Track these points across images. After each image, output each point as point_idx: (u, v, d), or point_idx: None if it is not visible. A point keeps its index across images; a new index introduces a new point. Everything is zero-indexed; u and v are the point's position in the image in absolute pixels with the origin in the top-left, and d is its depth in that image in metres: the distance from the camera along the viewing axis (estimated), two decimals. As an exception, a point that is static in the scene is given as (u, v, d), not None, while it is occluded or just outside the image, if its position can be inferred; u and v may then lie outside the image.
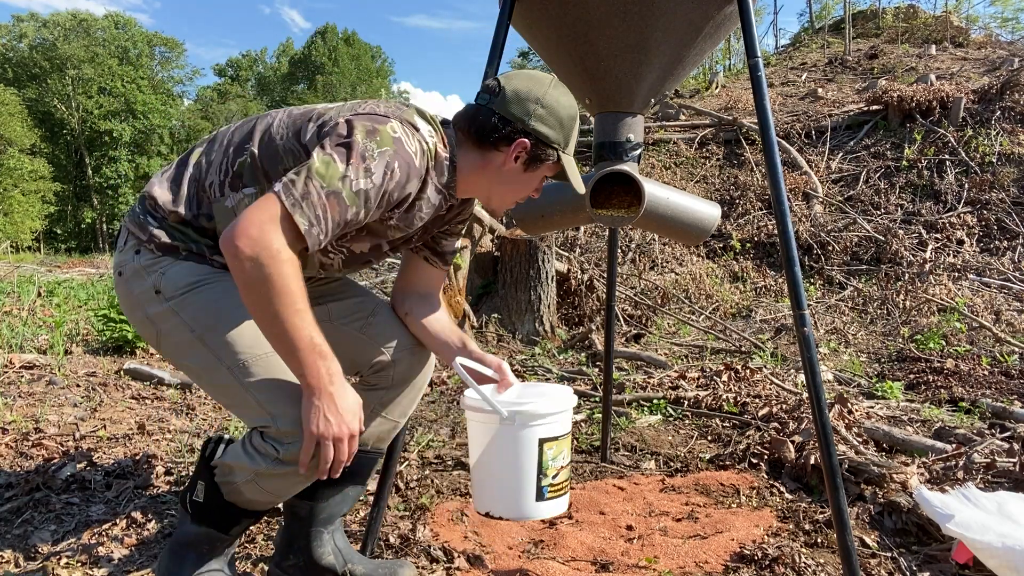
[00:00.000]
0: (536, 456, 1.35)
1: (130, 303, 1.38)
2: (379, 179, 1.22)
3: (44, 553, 1.81)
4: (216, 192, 1.35)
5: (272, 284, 1.14)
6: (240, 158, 1.35)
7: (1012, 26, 15.29)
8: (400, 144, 1.25)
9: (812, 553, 1.84)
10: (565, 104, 1.39)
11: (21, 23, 36.68)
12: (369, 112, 1.29)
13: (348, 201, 1.20)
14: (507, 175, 1.40)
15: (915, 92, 8.27)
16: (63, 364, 3.83)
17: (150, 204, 1.37)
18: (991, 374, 3.67)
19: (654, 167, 8.63)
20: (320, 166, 1.19)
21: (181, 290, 1.31)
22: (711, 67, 14.26)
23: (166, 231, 1.34)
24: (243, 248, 1.13)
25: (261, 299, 1.16)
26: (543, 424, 1.36)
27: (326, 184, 1.18)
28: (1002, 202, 6.80)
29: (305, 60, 49.27)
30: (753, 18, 1.66)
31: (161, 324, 1.34)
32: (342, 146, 1.22)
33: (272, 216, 1.15)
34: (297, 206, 1.16)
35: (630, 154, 1.93)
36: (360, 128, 1.23)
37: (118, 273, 1.38)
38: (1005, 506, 1.62)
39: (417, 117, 1.34)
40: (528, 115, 1.35)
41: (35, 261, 15.89)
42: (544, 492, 1.37)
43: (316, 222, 1.17)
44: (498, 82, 1.38)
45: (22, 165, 30.25)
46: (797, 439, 2.48)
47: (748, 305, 5.94)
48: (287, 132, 1.34)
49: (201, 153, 1.41)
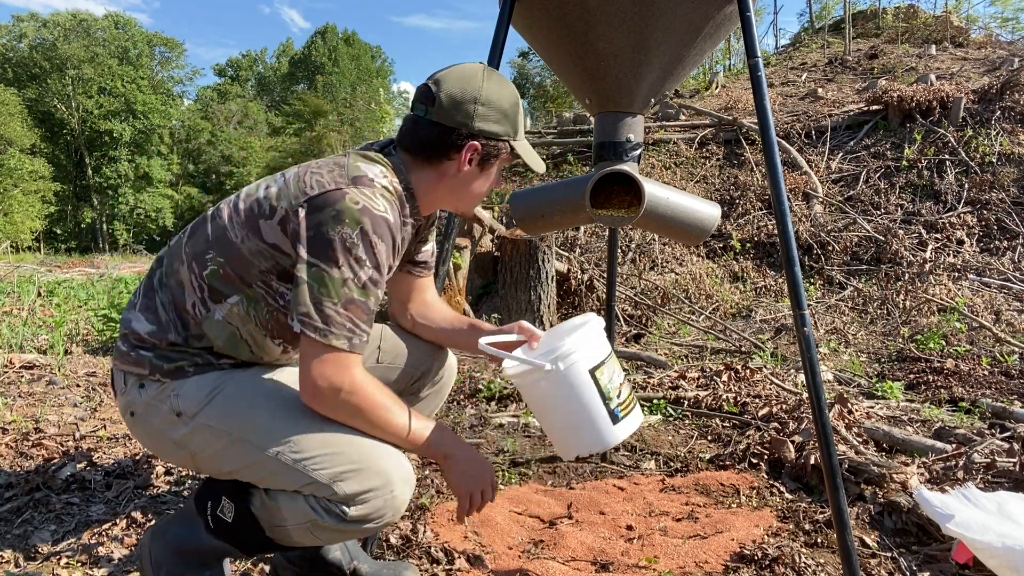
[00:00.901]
0: (593, 387, 1.38)
1: (153, 437, 1.35)
2: (373, 259, 1.22)
3: (44, 553, 1.81)
4: (201, 310, 1.31)
5: (363, 410, 1.25)
6: (207, 270, 1.31)
7: (1012, 26, 15.28)
8: (367, 212, 1.21)
9: (812, 553, 1.84)
10: (504, 94, 1.37)
11: (21, 23, 36.68)
12: (320, 193, 1.23)
13: (363, 296, 1.22)
14: (465, 179, 1.39)
15: (915, 92, 8.27)
16: (63, 364, 3.83)
17: (135, 339, 1.34)
18: (991, 374, 3.67)
19: (654, 167, 8.63)
20: (316, 283, 1.19)
21: (202, 403, 1.30)
22: (711, 67, 14.27)
23: (164, 358, 1.32)
24: (324, 400, 1.23)
25: (365, 425, 1.27)
26: (584, 357, 1.38)
27: (335, 297, 1.19)
28: (1002, 202, 6.80)
29: (305, 60, 49.27)
30: (753, 18, 1.66)
31: (193, 444, 1.31)
32: (320, 248, 1.20)
33: (320, 359, 1.20)
34: (328, 334, 1.19)
35: (630, 154, 1.93)
36: (325, 219, 1.20)
37: (130, 414, 1.35)
38: (1005, 506, 1.62)
39: (362, 163, 1.30)
40: (470, 117, 1.33)
41: (35, 261, 15.89)
42: (617, 414, 1.40)
43: (352, 334, 1.22)
44: (430, 89, 1.34)
45: (22, 165, 30.25)
46: (797, 439, 2.48)
47: (748, 305, 5.94)
48: (245, 234, 1.29)
49: (161, 273, 1.37)
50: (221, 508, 1.36)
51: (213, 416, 1.30)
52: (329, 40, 48.94)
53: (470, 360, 4.19)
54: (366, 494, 1.25)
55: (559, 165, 9.74)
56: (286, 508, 1.28)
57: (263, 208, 1.28)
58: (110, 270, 11.84)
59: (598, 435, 1.40)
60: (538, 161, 1.46)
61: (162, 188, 36.83)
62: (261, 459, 1.27)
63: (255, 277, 1.29)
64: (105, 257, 17.70)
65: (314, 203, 1.22)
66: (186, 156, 39.64)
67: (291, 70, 50.44)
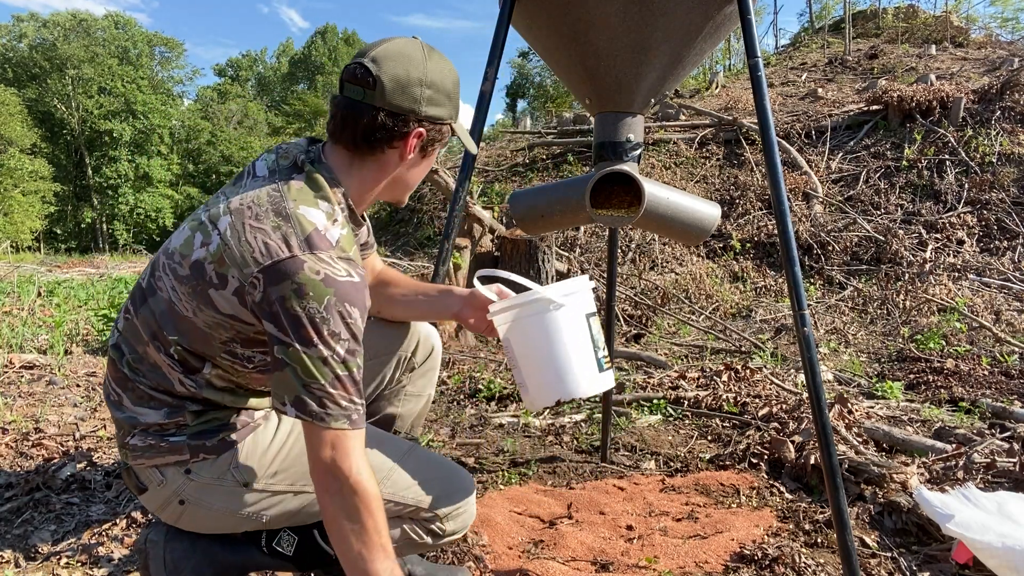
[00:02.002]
0: (587, 331, 1.40)
1: (214, 519, 1.28)
2: (347, 331, 1.12)
3: (44, 553, 1.81)
4: (189, 384, 1.23)
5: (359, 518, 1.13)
6: (170, 349, 1.22)
7: (1012, 26, 15.31)
8: (332, 280, 1.10)
9: (812, 553, 1.84)
10: (446, 73, 1.24)
11: (21, 23, 36.68)
12: (274, 263, 1.10)
13: (345, 371, 1.13)
14: (404, 168, 1.28)
15: (915, 92, 8.27)
16: (63, 364, 3.83)
17: (155, 429, 1.25)
18: (991, 374, 3.67)
19: (654, 167, 8.63)
20: (297, 365, 1.10)
21: (271, 466, 1.28)
22: (711, 67, 14.28)
23: (201, 434, 1.25)
24: (332, 487, 1.13)
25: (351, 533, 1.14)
26: (582, 301, 1.41)
27: (321, 378, 1.11)
28: (1002, 202, 6.80)
29: (305, 60, 49.29)
30: (753, 18, 1.65)
31: (270, 509, 1.29)
32: (290, 327, 1.09)
33: (323, 443, 1.12)
34: (326, 416, 1.11)
35: (630, 154, 1.93)
36: (287, 294, 1.09)
37: (178, 503, 1.26)
38: (1005, 506, 1.62)
39: (305, 211, 1.15)
40: (417, 102, 1.20)
41: (35, 261, 15.88)
42: (602, 363, 1.42)
43: (348, 411, 1.13)
44: (369, 72, 1.17)
45: (22, 165, 30.24)
46: (797, 439, 2.48)
47: (748, 305, 5.94)
48: (195, 306, 1.17)
49: (128, 360, 1.26)
50: (279, 541, 1.36)
51: (289, 476, 1.29)
52: (329, 40, 48.96)
53: (470, 360, 4.19)
54: (457, 509, 1.35)
55: (559, 165, 9.74)
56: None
57: (208, 276, 1.15)
58: (110, 270, 11.84)
59: (582, 379, 1.40)
60: (472, 143, 1.41)
61: (162, 188, 36.81)
62: None
63: (217, 349, 1.21)
64: (105, 257, 17.70)
65: (270, 274, 1.10)
66: (186, 156, 39.63)
67: (291, 70, 50.47)
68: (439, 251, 1.85)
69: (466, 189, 1.82)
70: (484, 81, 1.79)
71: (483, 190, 9.45)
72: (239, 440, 1.28)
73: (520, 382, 1.43)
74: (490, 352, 4.41)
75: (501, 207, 7.72)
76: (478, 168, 10.44)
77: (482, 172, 10.39)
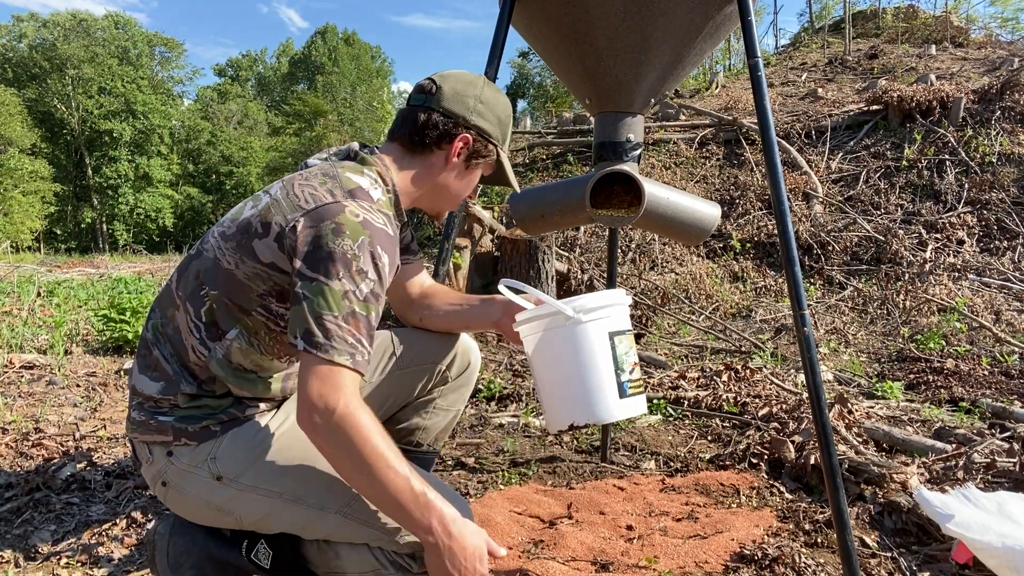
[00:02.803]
0: (609, 350, 1.31)
1: (191, 506, 1.28)
2: (375, 272, 1.16)
3: (44, 553, 1.81)
4: (202, 352, 1.26)
5: (354, 443, 1.10)
6: (203, 307, 1.25)
7: (1012, 26, 15.31)
8: (369, 224, 1.17)
9: (812, 553, 1.84)
10: (501, 102, 1.40)
11: (21, 23, 36.67)
12: (318, 206, 1.18)
13: (364, 311, 1.15)
14: (449, 174, 1.38)
15: (915, 92, 8.27)
16: (63, 364, 3.83)
17: (149, 405, 1.28)
18: (991, 374, 3.67)
19: (654, 167, 8.63)
20: (318, 297, 1.12)
21: (245, 463, 1.25)
22: (711, 67, 14.28)
23: (186, 419, 1.26)
24: (317, 423, 1.10)
25: (355, 464, 1.12)
26: (608, 317, 1.31)
27: (335, 310, 1.12)
28: (1002, 202, 6.80)
29: (305, 60, 49.27)
30: (753, 18, 1.65)
31: (239, 508, 1.26)
32: (320, 262, 1.13)
33: (318, 375, 1.11)
34: (330, 349, 1.11)
35: (630, 154, 1.93)
36: (325, 232, 1.14)
37: (161, 484, 1.28)
38: (1005, 506, 1.62)
39: (352, 174, 1.26)
40: (469, 111, 1.35)
41: (35, 261, 15.88)
42: (625, 388, 1.32)
43: (355, 350, 1.13)
44: (433, 82, 1.36)
45: (22, 165, 30.24)
46: (797, 439, 2.48)
47: (748, 305, 5.94)
48: (239, 259, 1.23)
49: (155, 323, 1.31)
50: (256, 552, 1.33)
51: (261, 477, 1.24)
52: (329, 40, 48.95)
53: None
54: None
55: (559, 165, 9.74)
56: (347, 557, 1.25)
57: (254, 228, 1.22)
58: (110, 270, 11.84)
59: (600, 403, 1.31)
60: (515, 181, 1.47)
61: (162, 188, 36.81)
62: (322, 518, 1.22)
63: (254, 303, 1.24)
64: (105, 257, 17.69)
65: (312, 216, 1.17)
66: (186, 156, 39.63)
67: (291, 70, 50.44)
68: (439, 251, 1.86)
69: (466, 189, 1.82)
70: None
71: (483, 190, 9.46)
72: (221, 433, 1.27)
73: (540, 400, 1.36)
74: (490, 352, 4.41)
75: (501, 207, 7.72)
76: (478, 168, 10.41)
77: (482, 172, 10.38)
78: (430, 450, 1.68)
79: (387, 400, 1.61)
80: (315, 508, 1.24)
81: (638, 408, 1.35)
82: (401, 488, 1.12)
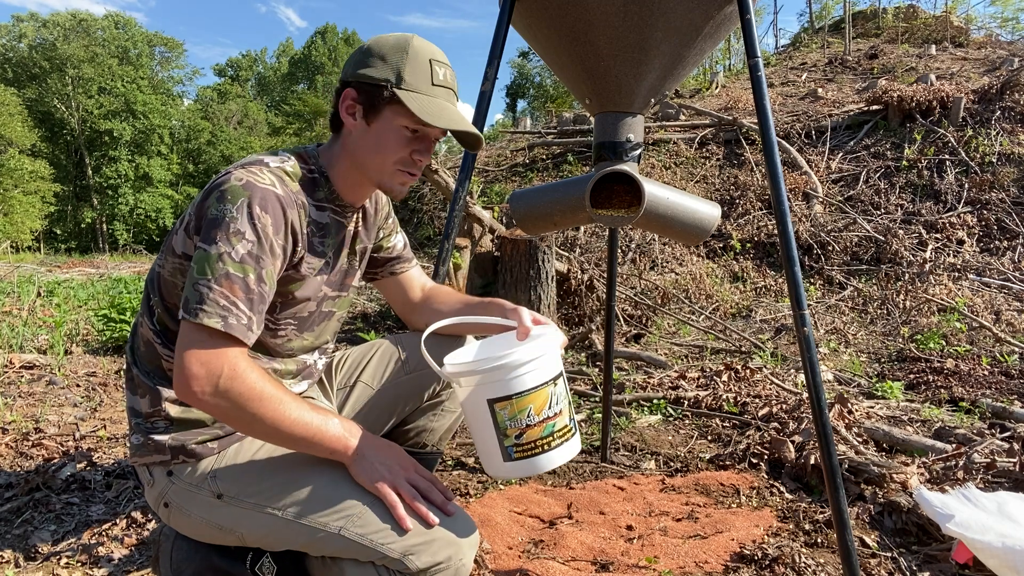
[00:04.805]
0: (490, 418, 1.25)
1: (195, 525, 1.27)
2: (252, 232, 1.13)
3: (44, 553, 1.81)
4: (170, 357, 1.25)
5: (249, 400, 1.09)
6: (154, 316, 1.27)
7: (1012, 26, 15.31)
8: (252, 186, 1.15)
9: (812, 553, 1.84)
10: (389, 41, 1.27)
11: (21, 23, 36.66)
12: (209, 185, 1.20)
13: (240, 272, 1.11)
14: (358, 139, 1.29)
15: (915, 92, 8.27)
16: (63, 364, 3.84)
17: (147, 423, 1.27)
18: (991, 374, 3.67)
19: (654, 167, 8.63)
20: (197, 264, 1.11)
21: (245, 481, 1.24)
22: (711, 67, 14.28)
23: (181, 435, 1.25)
24: (202, 390, 1.08)
25: (251, 421, 1.12)
26: (489, 383, 1.23)
27: (209, 273, 1.10)
28: (1002, 202, 6.80)
29: (305, 60, 49.30)
30: (753, 18, 1.65)
31: (242, 526, 1.24)
32: (205, 230, 1.13)
33: (195, 340, 1.09)
34: (201, 312, 1.08)
35: (630, 154, 1.93)
36: (211, 203, 1.15)
37: (163, 506, 1.27)
38: (1005, 506, 1.62)
39: (266, 155, 1.27)
40: (353, 67, 1.27)
41: (35, 261, 15.89)
42: (510, 452, 1.26)
43: (227, 312, 1.09)
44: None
45: (22, 165, 30.23)
46: (797, 439, 2.48)
47: (748, 305, 5.94)
48: (163, 259, 1.26)
49: (132, 347, 1.34)
50: (261, 566, 1.32)
51: (262, 495, 1.22)
52: (329, 40, 48.98)
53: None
54: (438, 565, 1.17)
55: (559, 165, 9.74)
56: (352, 573, 1.22)
57: (175, 227, 1.25)
58: (110, 270, 11.84)
59: (490, 464, 1.30)
60: (440, 115, 1.23)
61: (162, 188, 36.81)
62: (324, 535, 1.20)
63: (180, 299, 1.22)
64: (105, 257, 17.70)
65: (204, 192, 1.19)
66: (186, 156, 39.63)
67: (291, 70, 50.48)
68: (439, 251, 1.85)
69: (466, 189, 1.82)
70: (484, 81, 1.79)
71: (483, 190, 9.46)
72: (221, 448, 1.26)
73: None
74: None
75: (501, 207, 7.72)
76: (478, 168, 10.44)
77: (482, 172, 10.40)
78: (434, 451, 1.69)
79: (397, 404, 1.61)
80: (318, 527, 1.22)
81: (529, 468, 1.29)
82: (302, 423, 1.14)
